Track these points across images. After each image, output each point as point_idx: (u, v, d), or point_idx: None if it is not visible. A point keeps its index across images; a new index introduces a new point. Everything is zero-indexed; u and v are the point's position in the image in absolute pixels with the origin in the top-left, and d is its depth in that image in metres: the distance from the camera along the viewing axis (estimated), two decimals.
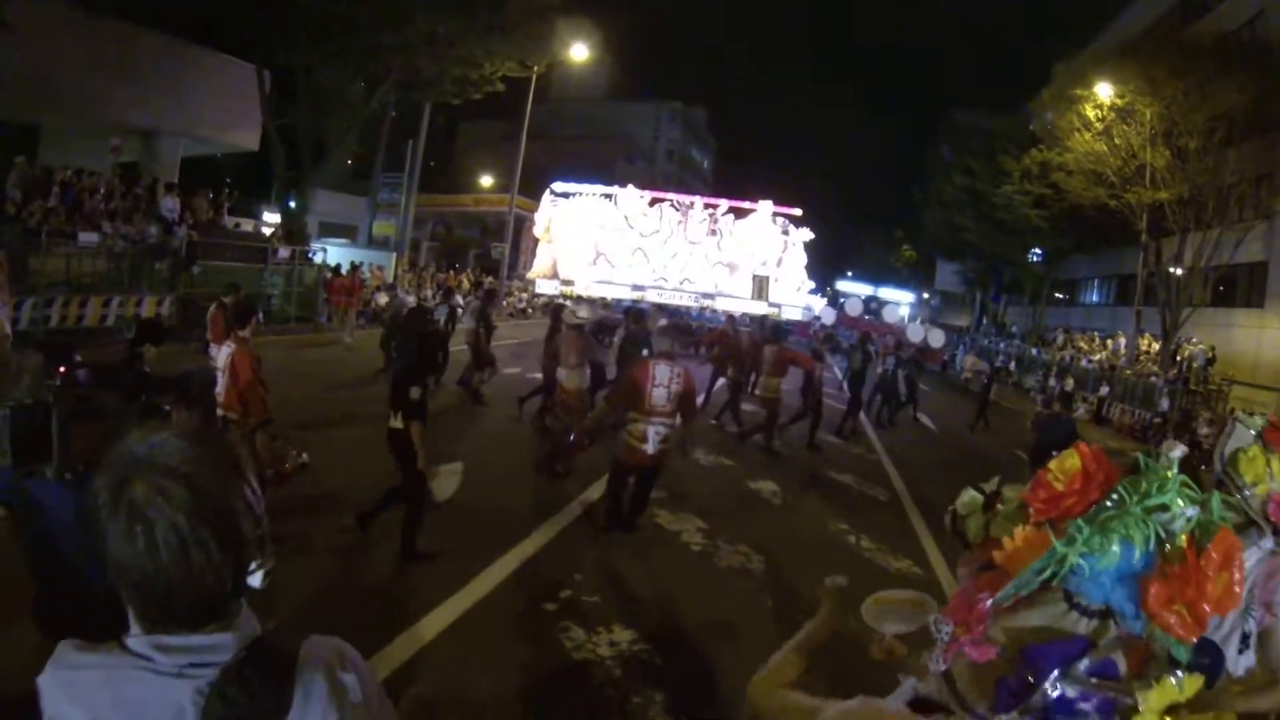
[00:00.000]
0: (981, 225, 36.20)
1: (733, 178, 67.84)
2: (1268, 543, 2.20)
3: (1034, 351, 33.27)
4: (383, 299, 21.45)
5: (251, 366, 5.16)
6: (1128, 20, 33.32)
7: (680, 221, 27.40)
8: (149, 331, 5.21)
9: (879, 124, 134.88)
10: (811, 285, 29.56)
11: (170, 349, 6.08)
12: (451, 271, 33.29)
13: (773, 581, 5.75)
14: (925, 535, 7.51)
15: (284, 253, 19.13)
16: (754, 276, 26.88)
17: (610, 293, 26.08)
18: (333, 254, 24.29)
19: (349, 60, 20.64)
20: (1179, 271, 24.77)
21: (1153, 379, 23.46)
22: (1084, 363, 28.82)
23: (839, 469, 10.29)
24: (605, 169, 43.73)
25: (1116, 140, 24.55)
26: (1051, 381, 24.06)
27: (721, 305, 26.05)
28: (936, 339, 25.84)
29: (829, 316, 30.63)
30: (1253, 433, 2.24)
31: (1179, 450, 1.07)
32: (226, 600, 1.09)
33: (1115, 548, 1.01)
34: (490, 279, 31.28)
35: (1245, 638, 2.15)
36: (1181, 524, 1.01)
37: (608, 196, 27.94)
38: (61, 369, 2.14)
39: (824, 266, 25.86)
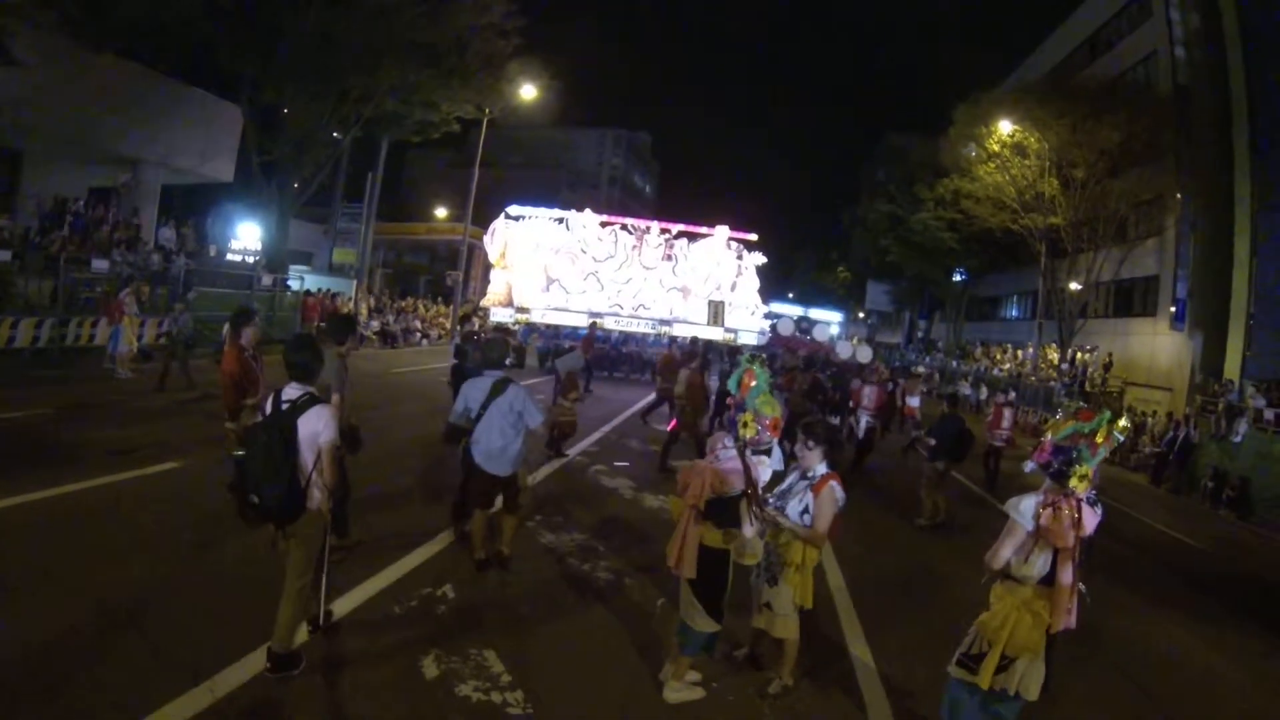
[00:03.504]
0: (902, 248, 38.90)
1: (674, 201, 70.08)
2: None
3: (954, 363, 36.12)
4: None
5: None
6: (1041, 57, 36.05)
7: (635, 246, 27.10)
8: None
9: (818, 148, 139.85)
10: (766, 309, 29.03)
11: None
12: (409, 298, 34.37)
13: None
14: None
15: (266, 280, 20.41)
16: (709, 302, 26.75)
17: (565, 320, 25.78)
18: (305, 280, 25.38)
19: (326, 102, 21.81)
20: (1076, 287, 27.62)
21: (1052, 384, 26.20)
22: (995, 371, 31.70)
23: None
24: (550, 195, 44.84)
25: (1013, 172, 27.37)
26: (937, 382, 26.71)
27: (678, 331, 25.52)
28: (864, 355, 27.54)
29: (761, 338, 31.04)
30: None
31: (758, 356, 4.55)
32: (503, 365, 5.58)
33: (756, 383, 4.37)
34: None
35: None
36: (766, 379, 4.46)
37: (560, 220, 27.40)
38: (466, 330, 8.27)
39: (766, 289, 27.08)
